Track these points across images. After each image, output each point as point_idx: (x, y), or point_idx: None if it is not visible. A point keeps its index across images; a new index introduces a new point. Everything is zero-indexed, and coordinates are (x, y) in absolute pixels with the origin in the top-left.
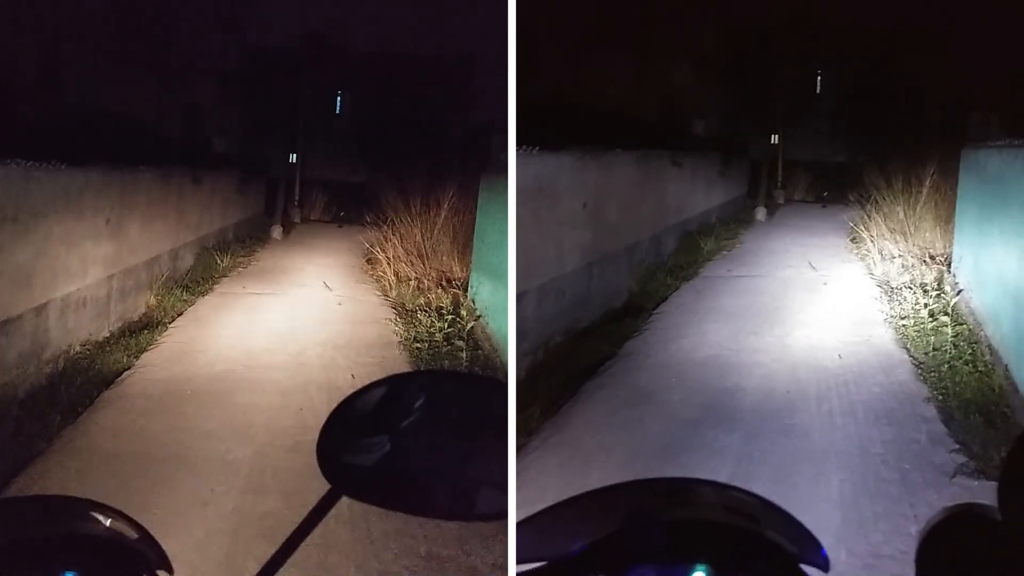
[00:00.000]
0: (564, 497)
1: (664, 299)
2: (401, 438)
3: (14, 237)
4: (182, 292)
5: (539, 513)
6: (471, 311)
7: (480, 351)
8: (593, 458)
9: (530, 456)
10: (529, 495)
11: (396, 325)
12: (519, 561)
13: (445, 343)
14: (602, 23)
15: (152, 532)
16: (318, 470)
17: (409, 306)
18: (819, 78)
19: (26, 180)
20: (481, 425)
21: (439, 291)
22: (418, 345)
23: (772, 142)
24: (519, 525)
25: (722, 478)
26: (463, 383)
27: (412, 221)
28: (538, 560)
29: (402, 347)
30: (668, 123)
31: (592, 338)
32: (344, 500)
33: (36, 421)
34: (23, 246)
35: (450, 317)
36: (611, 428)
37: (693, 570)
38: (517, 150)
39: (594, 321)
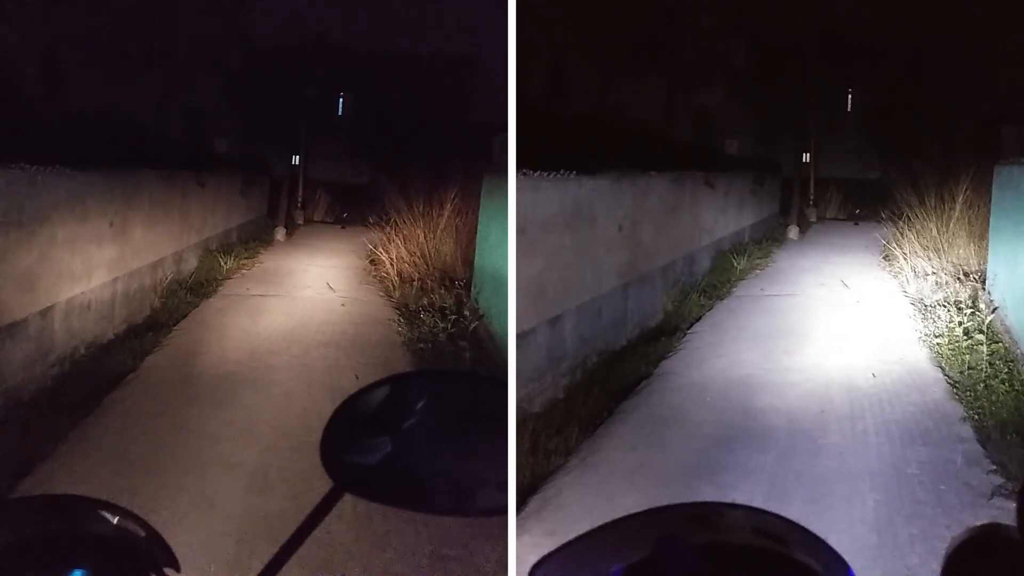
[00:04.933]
0: (602, 516)
1: (698, 319)
2: (404, 437)
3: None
4: (186, 295)
5: (576, 539)
6: (474, 311)
7: (484, 351)
8: (630, 478)
9: (569, 475)
10: (569, 514)
11: (399, 326)
12: None
13: (449, 343)
14: (634, 44)
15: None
16: (322, 470)
17: (412, 306)
18: (850, 95)
19: (30, 183)
20: (483, 424)
21: (442, 291)
22: (421, 345)
23: (804, 160)
24: (556, 551)
25: (757, 499)
26: (465, 383)
27: (415, 221)
28: None
29: (406, 347)
30: (700, 143)
31: (628, 358)
32: (349, 499)
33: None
34: (28, 250)
35: (453, 317)
36: (647, 448)
37: None
38: (554, 174)
39: (630, 341)
